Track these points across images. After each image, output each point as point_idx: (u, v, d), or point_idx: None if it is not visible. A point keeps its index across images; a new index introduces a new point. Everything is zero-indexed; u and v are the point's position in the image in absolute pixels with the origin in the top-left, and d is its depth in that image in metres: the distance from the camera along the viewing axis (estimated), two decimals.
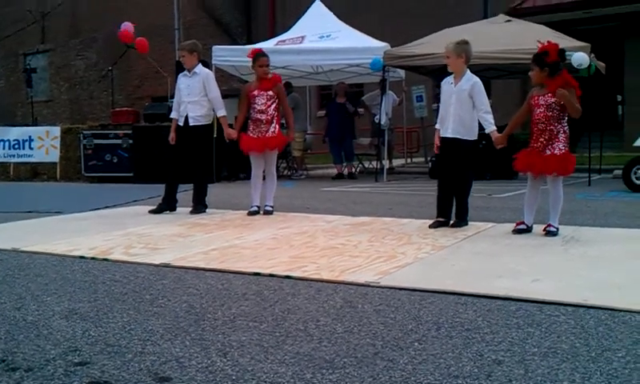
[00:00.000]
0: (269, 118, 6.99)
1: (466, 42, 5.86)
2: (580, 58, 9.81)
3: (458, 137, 5.77)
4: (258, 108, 6.99)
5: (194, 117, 7.21)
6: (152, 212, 7.24)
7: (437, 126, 6.03)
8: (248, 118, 7.18)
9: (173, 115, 7.39)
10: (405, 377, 2.36)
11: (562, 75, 5.34)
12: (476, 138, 5.87)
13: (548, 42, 5.47)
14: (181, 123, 7.26)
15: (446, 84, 5.92)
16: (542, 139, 5.35)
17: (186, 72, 7.32)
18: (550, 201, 5.46)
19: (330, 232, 5.70)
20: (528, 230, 5.48)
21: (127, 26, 13.52)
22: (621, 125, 16.78)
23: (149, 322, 3.07)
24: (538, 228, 5.47)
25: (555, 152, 5.30)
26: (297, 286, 3.74)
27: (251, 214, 7.02)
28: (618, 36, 16.99)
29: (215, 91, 7.30)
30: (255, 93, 7.03)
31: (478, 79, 5.79)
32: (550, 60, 5.31)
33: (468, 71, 5.82)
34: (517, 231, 5.47)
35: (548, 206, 5.48)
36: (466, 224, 5.87)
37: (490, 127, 5.73)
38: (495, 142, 5.72)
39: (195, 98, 7.22)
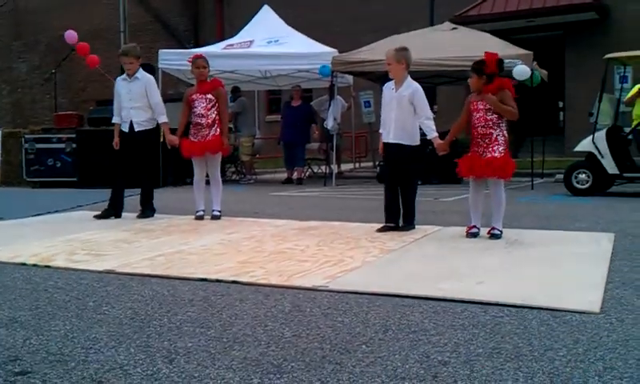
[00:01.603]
0: (209, 121, 6.92)
1: (405, 49, 5.93)
2: (521, 70, 10.07)
3: (400, 142, 5.84)
4: (198, 112, 6.93)
5: (138, 122, 7.12)
6: (97, 217, 7.11)
7: (380, 130, 6.10)
8: (189, 123, 7.12)
9: (115, 120, 7.26)
10: (352, 379, 2.37)
11: (495, 82, 5.48)
12: (418, 143, 5.93)
13: (488, 53, 5.56)
14: (125, 129, 7.15)
15: (387, 89, 5.98)
16: (481, 143, 5.46)
17: (125, 76, 7.19)
18: (492, 204, 5.56)
19: (278, 237, 5.68)
20: (479, 231, 5.56)
21: (70, 35, 13.22)
22: (562, 130, 17.27)
23: (92, 330, 3.00)
24: (483, 231, 5.57)
25: (495, 155, 5.41)
26: (244, 292, 3.72)
27: (198, 218, 6.95)
28: (560, 44, 17.50)
29: (157, 97, 7.22)
30: (194, 97, 6.97)
31: (418, 85, 5.86)
32: (488, 70, 5.45)
33: (409, 77, 5.89)
34: (470, 235, 5.53)
35: (491, 209, 5.58)
36: (414, 227, 5.94)
37: (432, 133, 5.81)
38: (438, 149, 5.81)
39: (138, 103, 7.12)
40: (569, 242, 5.33)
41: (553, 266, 4.38)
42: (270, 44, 13.50)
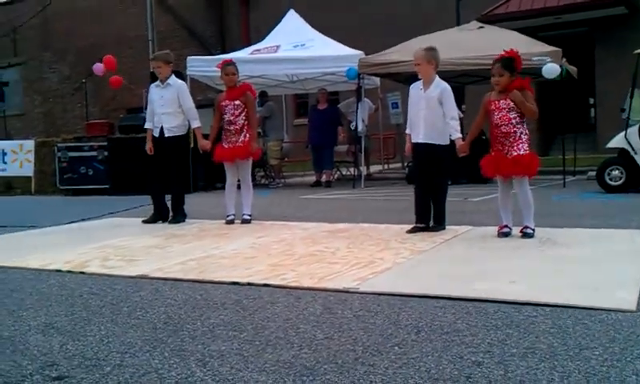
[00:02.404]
0: (237, 128, 6.97)
1: (434, 49, 5.91)
2: (551, 69, 9.96)
3: (430, 142, 5.81)
4: (227, 118, 6.99)
5: (168, 128, 7.20)
6: (145, 222, 7.27)
7: (407, 131, 6.08)
8: (221, 128, 7.18)
9: (147, 126, 7.36)
10: (385, 381, 2.37)
11: (517, 80, 5.45)
12: (448, 142, 5.88)
13: (511, 50, 5.50)
14: (156, 134, 7.24)
15: (415, 89, 5.96)
16: (505, 142, 5.41)
17: (158, 83, 7.29)
18: (520, 203, 5.50)
19: (308, 239, 5.69)
20: (511, 231, 5.50)
21: (98, 68, 13.45)
22: (593, 127, 17.03)
23: (127, 335, 3.04)
24: (515, 230, 5.51)
25: (521, 153, 5.36)
26: (276, 294, 3.73)
27: (228, 222, 7.01)
28: (589, 41, 17.26)
29: (189, 102, 7.29)
30: (224, 103, 7.03)
31: (447, 85, 5.83)
32: (520, 68, 5.44)
33: (437, 77, 5.87)
34: (502, 234, 5.48)
35: (520, 208, 5.52)
36: (444, 228, 5.90)
37: (456, 134, 5.77)
38: (459, 150, 5.75)
39: (169, 109, 7.21)
40: (602, 240, 5.26)
41: (586, 264, 4.33)
42: (297, 48, 13.54)
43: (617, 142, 9.90)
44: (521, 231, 5.43)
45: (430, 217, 5.92)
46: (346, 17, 19.80)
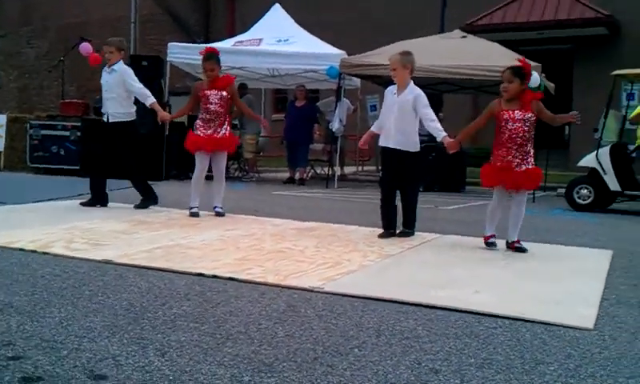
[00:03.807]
0: (222, 120, 6.91)
1: (410, 53, 5.89)
2: (534, 78, 10.05)
3: (400, 148, 5.78)
4: (213, 108, 6.87)
5: (112, 113, 7.22)
6: (83, 204, 7.25)
7: (373, 128, 6.09)
8: (195, 117, 7.15)
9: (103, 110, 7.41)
10: (343, 382, 2.38)
11: (528, 91, 5.44)
12: (418, 149, 5.87)
13: (523, 59, 5.52)
14: (105, 120, 7.29)
15: (390, 93, 5.92)
16: (518, 155, 5.30)
17: (106, 68, 7.29)
18: (513, 216, 5.44)
19: (277, 236, 5.69)
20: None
21: (85, 48, 13.24)
22: (567, 144, 17.23)
23: (87, 319, 3.01)
24: (478, 241, 5.56)
25: (529, 167, 5.34)
26: (241, 289, 3.72)
27: (193, 215, 6.83)
28: (569, 58, 17.49)
29: (137, 84, 7.23)
30: (208, 92, 6.90)
31: (421, 91, 5.80)
32: (527, 78, 5.42)
33: (412, 83, 5.84)
34: (490, 245, 5.47)
35: (510, 221, 5.48)
36: (413, 234, 5.93)
37: (441, 134, 5.69)
38: (448, 147, 5.64)
39: (113, 94, 7.20)
40: (567, 257, 5.34)
41: (549, 280, 4.38)
42: (280, 43, 13.51)
43: (588, 161, 10.04)
44: (513, 246, 5.40)
45: (396, 221, 5.93)
46: (331, 16, 19.80)
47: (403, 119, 5.76)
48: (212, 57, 7.01)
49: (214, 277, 3.97)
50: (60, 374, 2.33)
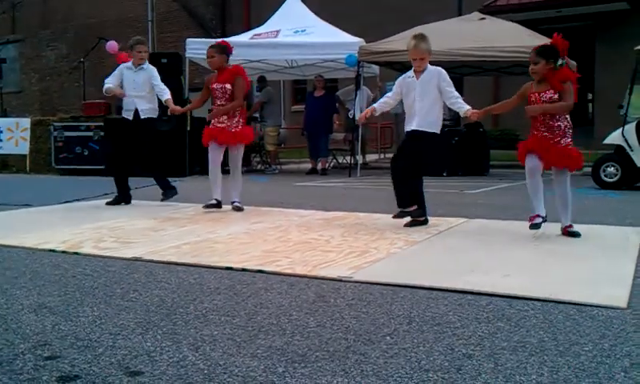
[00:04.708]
0: (232, 112, 6.84)
1: (426, 36, 5.77)
2: None
3: (421, 129, 5.67)
4: (219, 102, 6.84)
5: (144, 110, 7.33)
6: (109, 203, 7.38)
7: (376, 105, 6.05)
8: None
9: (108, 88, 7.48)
10: (376, 370, 2.38)
11: (562, 70, 5.13)
12: (439, 131, 5.75)
13: (556, 35, 5.23)
14: (130, 117, 7.36)
15: (406, 78, 5.80)
16: (549, 135, 5.08)
17: (130, 66, 7.38)
18: (558, 198, 5.25)
19: (303, 227, 5.70)
20: (545, 220, 5.19)
21: (111, 46, 13.36)
22: (591, 122, 17.03)
23: (120, 316, 3.05)
24: (512, 225, 5.52)
25: (569, 146, 5.09)
26: (269, 281, 3.74)
27: (210, 206, 6.81)
28: (590, 35, 17.25)
29: (160, 82, 7.39)
30: (214, 86, 6.86)
31: (442, 69, 5.72)
32: (561, 53, 5.11)
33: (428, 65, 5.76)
34: (535, 226, 5.15)
35: (560, 205, 5.27)
36: (425, 216, 5.77)
37: (465, 107, 5.58)
38: (472, 116, 5.50)
39: (142, 92, 7.33)
40: (596, 237, 5.28)
41: (579, 260, 4.34)
42: (297, 34, 13.50)
43: (613, 138, 9.92)
44: (565, 231, 5.20)
45: (409, 199, 5.73)
46: (347, 4, 19.72)
47: (426, 100, 5.66)
48: (213, 45, 7.03)
49: (243, 270, 3.99)
50: (96, 372, 2.36)
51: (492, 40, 11.01)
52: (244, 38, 14.12)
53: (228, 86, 6.80)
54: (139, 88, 7.32)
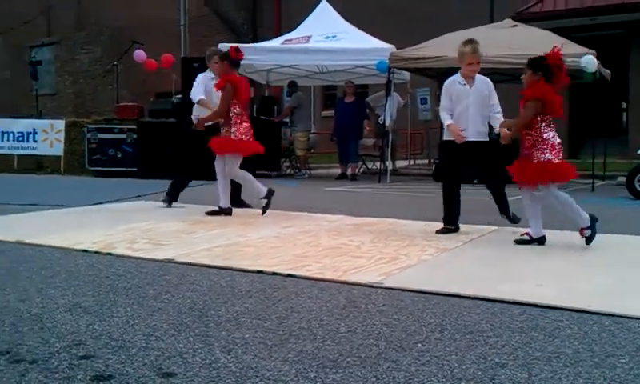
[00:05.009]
0: (224, 120, 6.84)
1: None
2: (588, 59, 9.80)
3: (479, 140, 5.66)
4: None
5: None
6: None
7: (450, 121, 5.65)
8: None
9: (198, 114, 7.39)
10: (408, 378, 2.37)
11: (536, 85, 5.07)
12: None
13: (553, 48, 5.21)
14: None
15: (457, 84, 5.70)
16: (524, 150, 5.15)
17: (214, 76, 7.27)
18: (562, 208, 5.22)
19: (333, 232, 5.70)
20: (531, 241, 5.19)
21: (139, 55, 13.53)
22: (625, 131, 16.79)
23: (152, 317, 3.08)
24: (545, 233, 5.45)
25: (534, 160, 5.06)
26: (300, 285, 3.75)
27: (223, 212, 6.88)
28: (624, 44, 17.00)
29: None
30: (215, 92, 7.02)
31: (489, 80, 5.77)
32: (551, 68, 5.07)
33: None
34: (587, 240, 5.10)
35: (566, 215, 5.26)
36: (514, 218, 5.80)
37: (498, 122, 5.58)
38: (503, 138, 5.38)
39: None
40: (630, 247, 5.20)
41: (614, 270, 4.28)
42: (328, 39, 13.53)
43: None
44: (581, 233, 5.13)
45: (458, 219, 5.76)
46: (378, 10, 19.72)
47: (480, 110, 5.63)
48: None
49: (274, 274, 4.00)
50: (130, 373, 2.39)
51: (525, 47, 10.86)
52: (275, 43, 14.20)
53: (220, 93, 6.81)
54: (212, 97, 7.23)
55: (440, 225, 5.77)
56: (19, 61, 28.99)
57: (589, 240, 5.07)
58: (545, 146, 5.03)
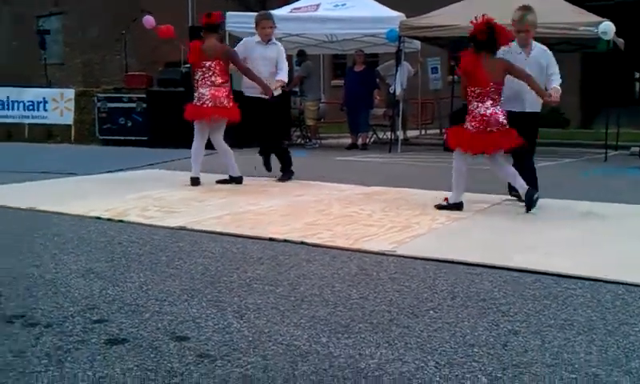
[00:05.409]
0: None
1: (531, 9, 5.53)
2: (606, 26, 9.63)
3: (535, 111, 5.47)
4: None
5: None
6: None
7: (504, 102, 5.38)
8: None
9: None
10: (420, 343, 2.37)
11: (465, 57, 5.17)
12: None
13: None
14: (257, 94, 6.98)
15: (514, 54, 5.38)
16: None
17: (260, 40, 7.05)
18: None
19: (344, 201, 5.69)
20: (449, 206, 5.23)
21: (148, 21, 13.32)
22: (638, 101, 16.63)
23: (165, 283, 3.09)
24: (558, 203, 5.43)
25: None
26: (312, 253, 3.75)
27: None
28: (637, 12, 16.74)
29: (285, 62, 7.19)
30: None
31: (547, 48, 5.50)
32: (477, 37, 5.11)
33: (533, 41, 5.48)
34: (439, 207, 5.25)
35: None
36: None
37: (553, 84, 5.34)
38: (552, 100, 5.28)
39: (272, 68, 7.02)
40: None
41: (627, 239, 4.26)
42: (337, 8, 13.37)
43: None
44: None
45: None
46: None
47: (538, 80, 5.29)
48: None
49: (285, 241, 4.00)
50: (144, 336, 2.40)
51: (540, 16, 10.75)
52: (283, 11, 14.05)
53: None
54: (268, 64, 7.00)
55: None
56: (26, 31, 28.89)
57: (442, 207, 5.19)
58: (469, 115, 5.17)
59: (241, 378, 2.07)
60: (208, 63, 6.58)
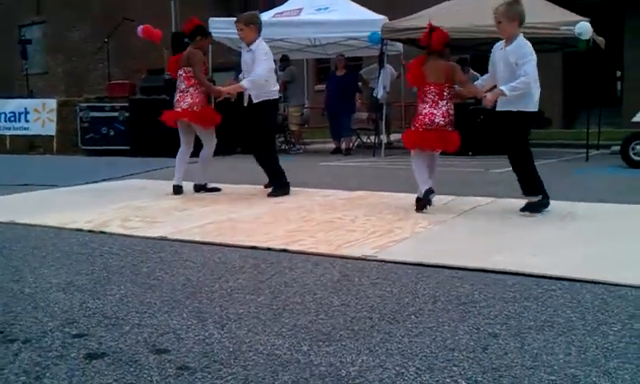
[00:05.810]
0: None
1: (516, 3, 5.23)
2: (582, 26, 9.70)
3: (507, 109, 5.16)
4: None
5: (255, 94, 6.59)
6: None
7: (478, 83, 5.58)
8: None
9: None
10: (401, 349, 2.37)
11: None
12: (527, 109, 5.15)
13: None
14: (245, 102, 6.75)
15: (497, 49, 5.34)
16: None
17: (244, 45, 6.72)
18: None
19: (326, 206, 5.69)
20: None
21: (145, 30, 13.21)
22: (620, 100, 16.77)
23: (146, 295, 3.07)
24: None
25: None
26: (294, 260, 3.74)
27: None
28: (618, 10, 16.90)
29: (260, 67, 6.60)
30: None
31: (525, 43, 5.15)
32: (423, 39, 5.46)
33: (520, 36, 5.19)
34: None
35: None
36: (547, 200, 5.27)
37: (505, 90, 5.04)
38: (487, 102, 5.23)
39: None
40: (624, 216, 5.20)
41: (607, 239, 4.29)
42: (319, 11, 13.40)
43: None
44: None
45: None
46: None
47: (507, 75, 5.11)
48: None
49: (268, 249, 4.00)
50: (123, 349, 2.39)
51: None
52: (266, 16, 14.03)
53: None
54: (246, 69, 6.59)
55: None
56: (8, 40, 28.71)
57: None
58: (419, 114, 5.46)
59: None
60: (180, 71, 6.69)
